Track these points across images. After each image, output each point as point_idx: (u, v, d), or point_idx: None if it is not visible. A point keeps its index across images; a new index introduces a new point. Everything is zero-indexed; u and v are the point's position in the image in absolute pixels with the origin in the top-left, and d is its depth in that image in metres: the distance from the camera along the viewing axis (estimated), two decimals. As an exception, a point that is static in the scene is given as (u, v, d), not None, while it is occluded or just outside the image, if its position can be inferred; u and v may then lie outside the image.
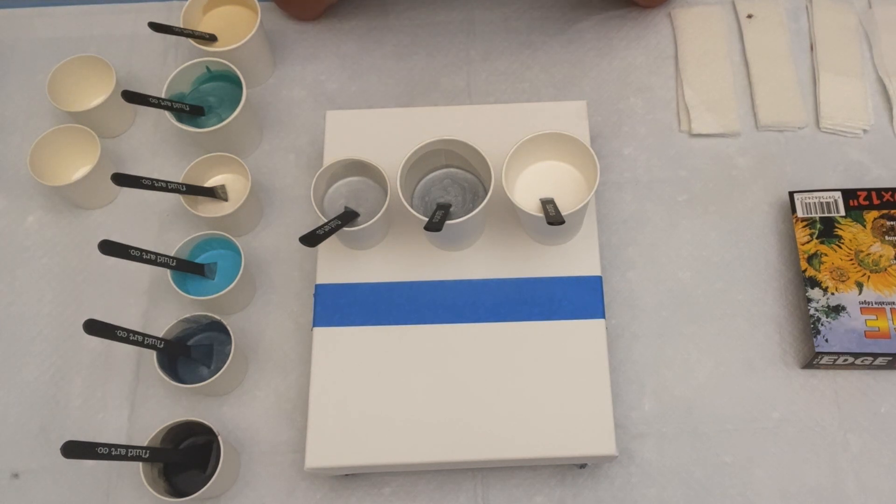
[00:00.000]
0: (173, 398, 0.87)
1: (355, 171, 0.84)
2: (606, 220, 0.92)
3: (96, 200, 0.95)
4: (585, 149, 0.78)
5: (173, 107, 0.90)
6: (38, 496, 0.84)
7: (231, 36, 0.95)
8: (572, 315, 0.80)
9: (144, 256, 0.80)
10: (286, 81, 1.02)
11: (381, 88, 1.01)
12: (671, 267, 0.90)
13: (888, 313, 0.82)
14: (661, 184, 0.94)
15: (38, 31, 1.07)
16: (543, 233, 0.81)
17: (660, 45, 1.02)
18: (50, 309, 0.92)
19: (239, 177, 0.93)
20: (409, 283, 0.82)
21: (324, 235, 0.76)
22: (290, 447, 0.84)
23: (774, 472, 0.82)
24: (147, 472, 0.77)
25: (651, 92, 0.99)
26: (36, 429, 0.87)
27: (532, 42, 1.02)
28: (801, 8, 1.02)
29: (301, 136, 0.99)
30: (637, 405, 0.84)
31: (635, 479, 0.82)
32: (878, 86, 0.98)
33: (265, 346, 0.89)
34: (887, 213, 0.87)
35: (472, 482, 0.83)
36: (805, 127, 0.96)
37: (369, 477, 0.83)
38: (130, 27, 1.05)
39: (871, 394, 0.84)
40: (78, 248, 0.94)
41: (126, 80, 1.02)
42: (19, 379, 0.89)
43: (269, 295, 0.91)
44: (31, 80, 1.03)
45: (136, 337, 0.77)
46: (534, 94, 0.99)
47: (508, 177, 0.78)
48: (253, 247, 0.93)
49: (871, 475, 0.81)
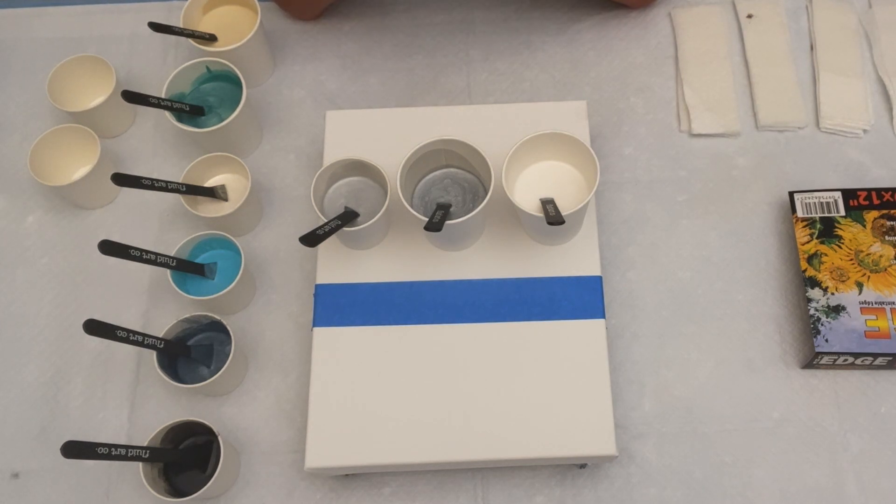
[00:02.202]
0: (173, 398, 0.87)
1: (355, 171, 0.84)
2: (606, 220, 0.92)
3: (96, 200, 0.96)
4: (585, 149, 0.78)
5: (173, 107, 0.90)
6: (38, 496, 0.84)
7: (231, 36, 0.95)
8: (572, 315, 0.80)
9: (144, 256, 0.80)
10: (286, 81, 1.02)
11: (381, 88, 1.01)
12: (671, 267, 0.90)
13: (888, 313, 0.82)
14: (661, 184, 0.94)
15: (38, 31, 1.07)
16: (543, 233, 0.81)
17: (660, 45, 1.02)
18: (50, 309, 0.92)
19: (239, 177, 0.93)
20: (409, 283, 0.82)
21: (324, 235, 0.76)
22: (290, 447, 0.84)
23: (774, 472, 0.82)
24: (147, 472, 0.77)
25: (651, 92, 0.99)
26: (36, 429, 0.87)
27: (532, 42, 1.02)
28: (801, 8, 1.02)
29: (301, 136, 0.99)
30: (637, 405, 0.84)
31: (635, 479, 0.82)
32: (878, 86, 0.97)
33: (265, 346, 0.89)
34: (887, 213, 0.87)
35: (472, 482, 0.83)
36: (805, 127, 0.96)
37: (369, 477, 0.83)
38: (130, 27, 1.05)
39: (871, 394, 0.84)
40: (78, 248, 0.94)
41: (126, 80, 1.02)
42: (19, 379, 0.89)
43: (269, 295, 0.91)
44: (31, 80, 1.03)
45: (136, 337, 0.77)
46: (534, 94, 0.99)
47: (508, 177, 0.78)
48: (253, 247, 0.93)
49: (871, 475, 0.81)
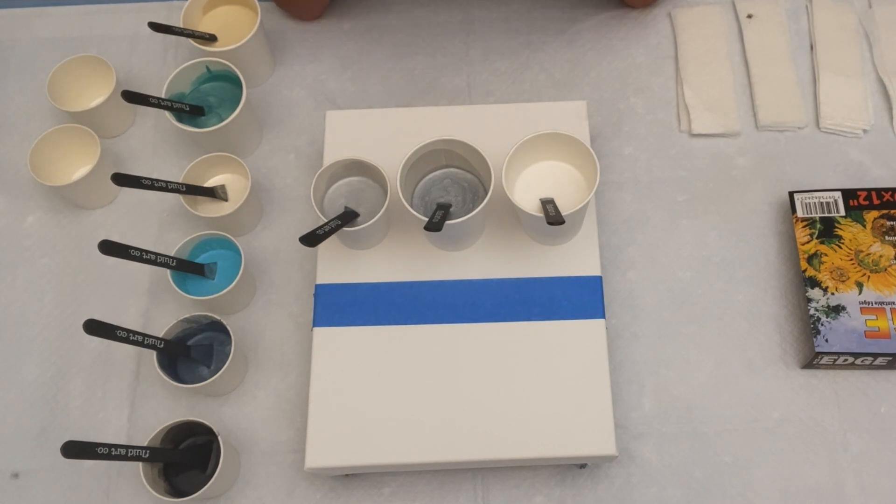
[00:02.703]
0: (173, 398, 0.87)
1: (355, 171, 0.84)
2: (606, 220, 0.92)
3: (96, 200, 0.95)
4: (585, 149, 0.78)
5: (173, 107, 0.90)
6: (38, 496, 0.84)
7: (231, 36, 0.95)
8: (572, 315, 0.80)
9: (144, 256, 0.80)
10: (286, 81, 1.02)
11: (381, 88, 1.01)
12: (671, 267, 0.90)
13: (888, 313, 0.82)
14: (661, 184, 0.94)
15: (38, 31, 1.07)
16: (543, 233, 0.81)
17: (660, 45, 1.02)
18: (50, 309, 0.92)
19: (239, 177, 0.93)
20: (409, 283, 0.82)
21: (324, 235, 0.76)
22: (290, 447, 0.84)
23: (774, 472, 0.82)
24: (147, 472, 0.77)
25: (651, 92, 0.99)
26: (36, 429, 0.87)
27: (532, 42, 1.02)
28: (801, 8, 1.02)
29: (301, 136, 0.99)
30: (637, 405, 0.84)
31: (635, 479, 0.82)
32: (878, 86, 0.97)
33: (265, 346, 0.89)
34: (887, 213, 0.87)
35: (472, 482, 0.83)
36: (805, 127, 0.96)
37: (369, 477, 0.83)
38: (130, 27, 1.05)
39: (871, 394, 0.84)
40: (78, 248, 0.94)
41: (126, 80, 1.02)
42: (19, 379, 0.89)
43: (269, 295, 0.91)
44: (31, 80, 1.03)
45: (136, 337, 0.77)
46: (534, 94, 0.99)
47: (508, 177, 0.78)
48: (253, 247, 0.93)
49: (871, 475, 0.81)
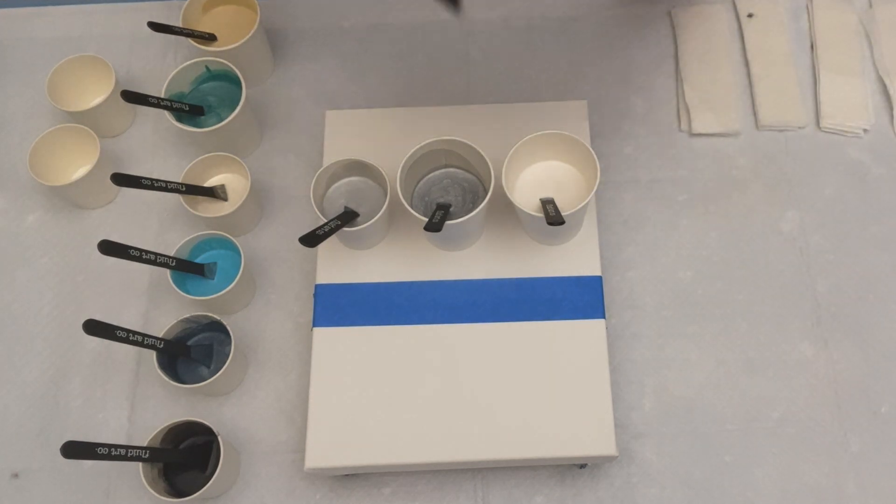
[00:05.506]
0: (173, 398, 0.87)
1: (355, 171, 0.84)
2: (606, 220, 0.92)
3: (96, 200, 0.95)
4: (585, 149, 0.78)
5: (173, 107, 0.90)
6: (38, 496, 0.84)
7: (231, 36, 0.95)
8: (572, 315, 0.80)
9: (144, 256, 0.80)
10: (286, 81, 1.02)
11: (381, 88, 1.01)
12: (671, 267, 0.90)
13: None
14: (661, 184, 0.94)
15: (38, 31, 1.07)
16: (543, 233, 0.81)
17: (660, 45, 1.02)
18: (50, 309, 0.92)
19: (239, 177, 0.93)
20: (409, 283, 0.82)
21: (324, 235, 0.76)
22: (290, 447, 0.84)
23: (774, 472, 0.82)
24: (147, 472, 0.77)
25: (651, 92, 0.99)
26: (36, 429, 0.87)
27: (532, 42, 1.02)
28: (801, 7, 1.02)
29: (301, 136, 0.98)
30: (637, 405, 0.84)
31: (635, 479, 0.82)
32: (879, 85, 0.97)
33: (265, 346, 0.89)
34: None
35: (472, 482, 0.83)
36: (805, 126, 0.96)
37: (369, 477, 0.83)
38: (130, 27, 1.05)
39: (871, 394, 0.84)
40: (78, 248, 0.94)
41: (126, 79, 1.02)
42: (19, 379, 0.89)
43: (269, 295, 0.91)
44: (31, 80, 1.03)
45: (135, 337, 0.77)
46: (534, 94, 0.99)
47: (508, 177, 0.78)
48: (253, 247, 0.93)
49: (871, 475, 0.81)
